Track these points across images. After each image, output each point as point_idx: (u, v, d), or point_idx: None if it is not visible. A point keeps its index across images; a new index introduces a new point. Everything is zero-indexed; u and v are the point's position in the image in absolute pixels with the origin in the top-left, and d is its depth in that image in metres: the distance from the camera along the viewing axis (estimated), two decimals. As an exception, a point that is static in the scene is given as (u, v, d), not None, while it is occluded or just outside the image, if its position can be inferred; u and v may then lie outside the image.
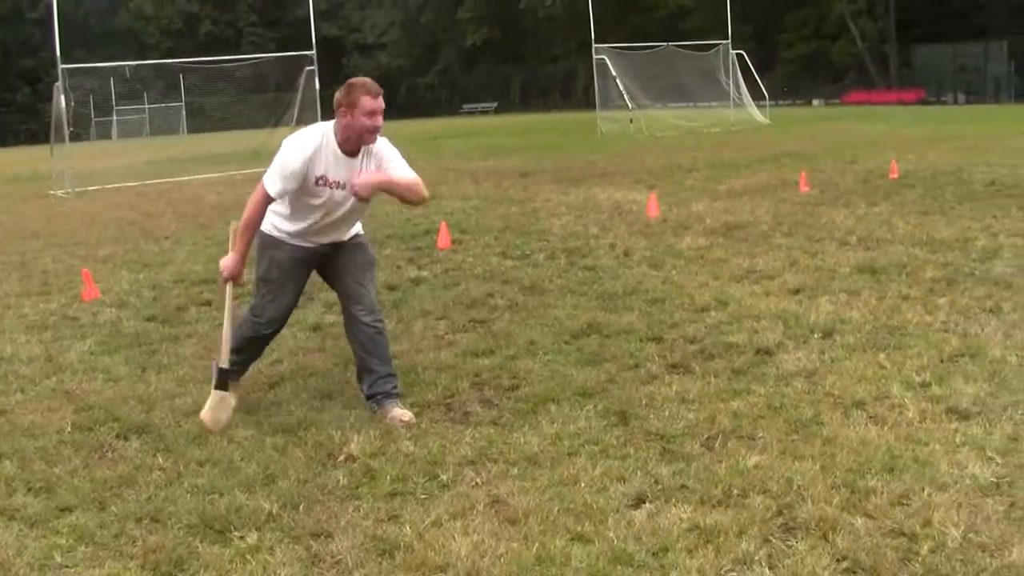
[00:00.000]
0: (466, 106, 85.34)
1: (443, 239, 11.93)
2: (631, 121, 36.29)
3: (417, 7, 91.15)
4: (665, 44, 42.17)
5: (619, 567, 3.95)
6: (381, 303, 8.62)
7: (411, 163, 6.00)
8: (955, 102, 58.11)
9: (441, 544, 4.20)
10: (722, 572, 3.89)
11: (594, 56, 39.08)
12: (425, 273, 10.26)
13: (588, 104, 42.57)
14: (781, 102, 51.33)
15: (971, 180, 15.93)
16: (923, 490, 4.47)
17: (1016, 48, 58.10)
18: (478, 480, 4.88)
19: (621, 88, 38.40)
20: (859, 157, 20.73)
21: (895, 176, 16.65)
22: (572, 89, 78.70)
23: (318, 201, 5.78)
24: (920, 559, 3.89)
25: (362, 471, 5.06)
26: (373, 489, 4.83)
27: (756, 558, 3.96)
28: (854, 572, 3.84)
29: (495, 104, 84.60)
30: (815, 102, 62.64)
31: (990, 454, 4.85)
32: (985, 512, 4.25)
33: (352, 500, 4.74)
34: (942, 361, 6.38)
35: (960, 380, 5.97)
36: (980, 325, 7.21)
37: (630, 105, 38.04)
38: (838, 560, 3.91)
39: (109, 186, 24.51)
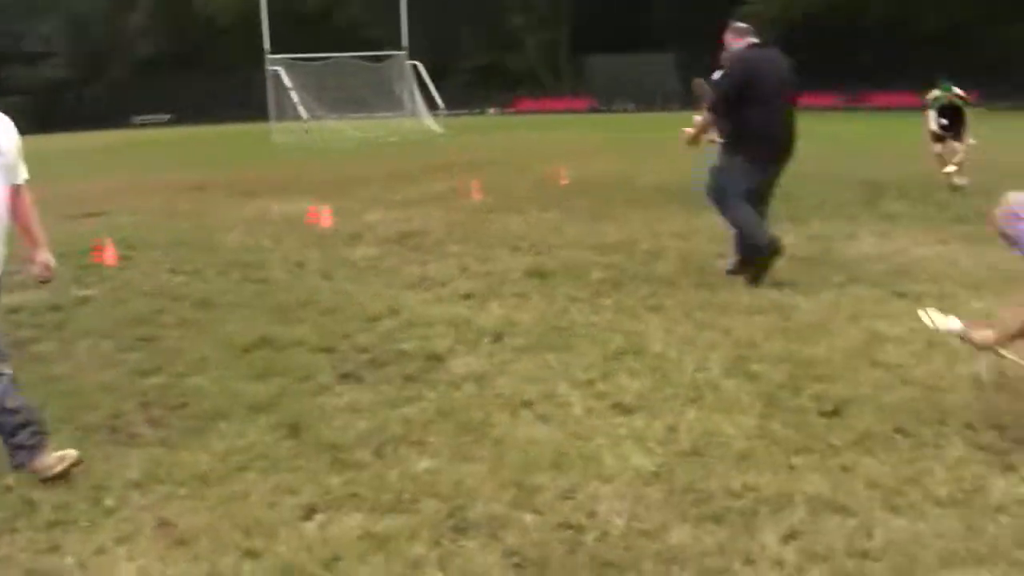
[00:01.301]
0: (138, 118, 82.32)
1: (109, 256, 11.42)
2: (306, 132, 36.03)
3: (84, 16, 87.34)
4: (340, 55, 42.05)
5: (288, 580, 3.89)
6: (42, 324, 8.21)
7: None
8: (625, 111, 60.85)
9: (105, 572, 4.01)
10: (395, 577, 3.88)
11: (267, 67, 38.57)
12: (91, 292, 9.78)
13: (265, 115, 41.97)
14: (457, 112, 52.27)
15: (638, 185, 16.69)
16: (589, 483, 4.61)
17: (683, 60, 61.43)
18: (144, 503, 4.67)
19: (296, 99, 38.10)
20: (532, 165, 21.35)
21: (565, 182, 17.23)
22: (249, 100, 77.36)
23: None
24: (586, 549, 4.01)
25: (20, 502, 4.74)
26: (32, 520, 4.54)
27: (427, 560, 3.97)
28: (523, 567, 3.90)
29: (169, 116, 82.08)
30: (490, 111, 64.12)
31: (651, 445, 5.06)
32: (647, 500, 4.43)
33: (7, 534, 4.44)
34: (607, 359, 6.61)
35: (624, 376, 6.21)
36: (643, 323, 7.53)
37: (305, 116, 37.77)
38: (507, 556, 3.97)
39: None
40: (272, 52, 38.67)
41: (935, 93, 15.94)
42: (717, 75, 9.66)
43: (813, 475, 4.63)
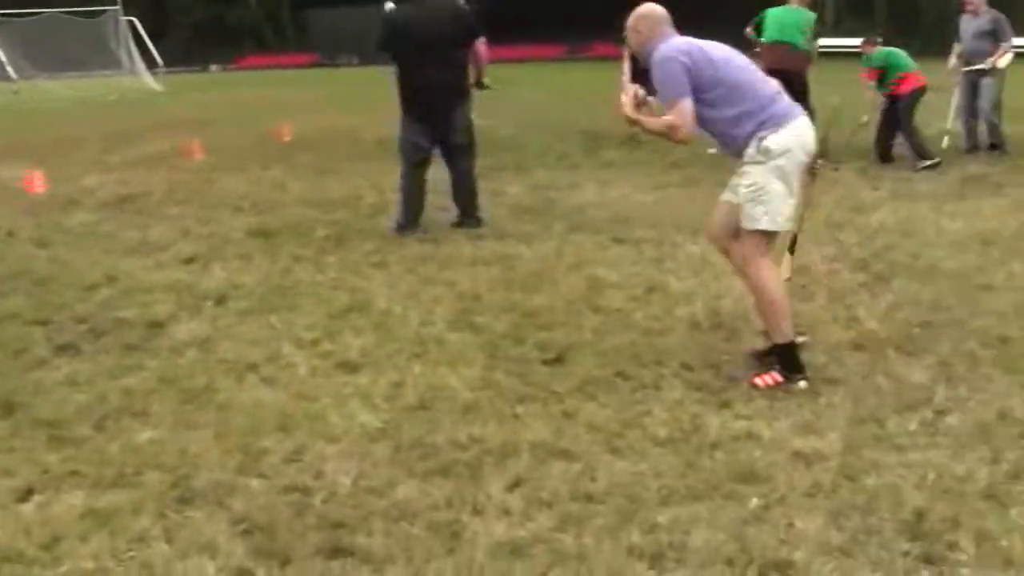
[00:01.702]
0: None
1: None
2: (15, 93, 34.14)
3: None
4: (50, 10, 39.93)
5: (8, 565, 3.67)
6: None
7: None
8: (350, 64, 60.24)
9: None
10: (119, 554, 3.72)
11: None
12: None
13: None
14: (177, 69, 50.53)
15: (362, 140, 16.56)
16: (315, 444, 4.56)
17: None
18: None
19: (2, 58, 36.03)
20: (255, 122, 20.83)
21: (288, 139, 16.93)
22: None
23: None
24: (314, 510, 3.96)
25: None
26: None
27: (152, 534, 3.83)
28: (251, 533, 3.82)
29: None
30: (212, 67, 62.29)
31: (377, 401, 5.05)
32: (374, 457, 4.41)
33: None
34: (332, 317, 6.55)
35: (349, 334, 6.16)
36: (367, 279, 7.49)
37: (13, 76, 35.78)
38: (235, 523, 3.88)
39: None
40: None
41: None
42: None
43: (536, 423, 4.72)
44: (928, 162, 12.19)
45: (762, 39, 13.48)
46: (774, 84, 5.44)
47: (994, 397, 4.95)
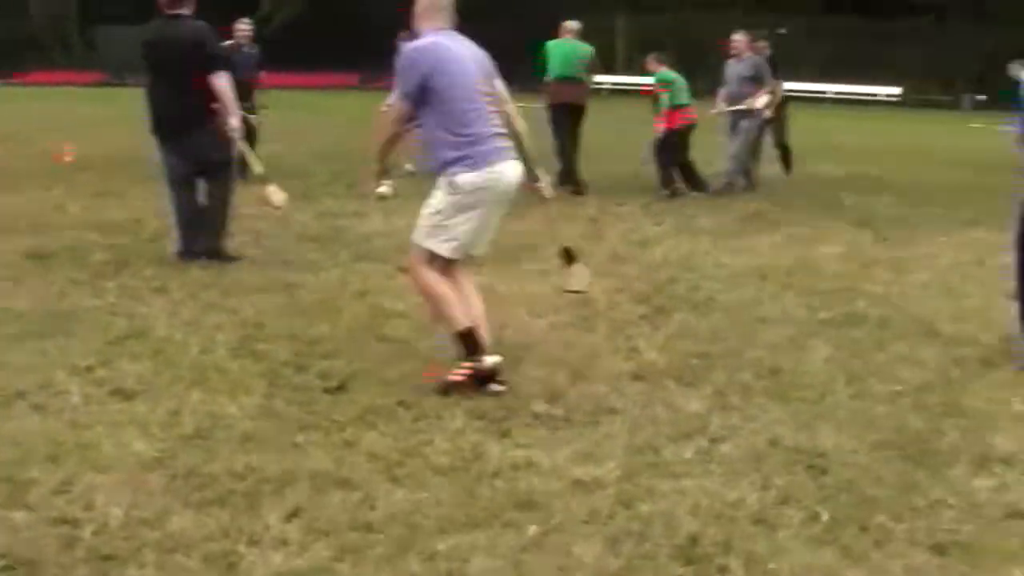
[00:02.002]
0: None
1: None
2: None
3: None
4: None
5: None
6: None
7: None
8: (138, 84, 58.59)
9: None
10: None
11: None
12: None
13: None
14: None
15: (147, 162, 15.96)
16: (86, 474, 4.40)
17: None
18: None
19: None
20: (35, 140, 20.07)
21: (70, 159, 16.34)
22: None
23: None
24: (83, 543, 3.83)
25: None
26: None
27: None
28: (14, 568, 3.67)
29: None
30: (-11, 82, 59.67)
31: (153, 430, 4.92)
32: (148, 487, 4.30)
33: None
34: (109, 344, 6.35)
35: (126, 361, 5.99)
36: (147, 305, 7.30)
37: None
38: (-3, 559, 3.72)
39: None
40: None
41: None
42: None
43: (317, 451, 4.69)
44: (667, 191, 13.15)
45: (548, 75, 13.84)
46: (494, 122, 5.57)
47: (765, 426, 5.18)
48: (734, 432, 5.09)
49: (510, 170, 5.56)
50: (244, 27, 14.91)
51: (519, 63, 15.27)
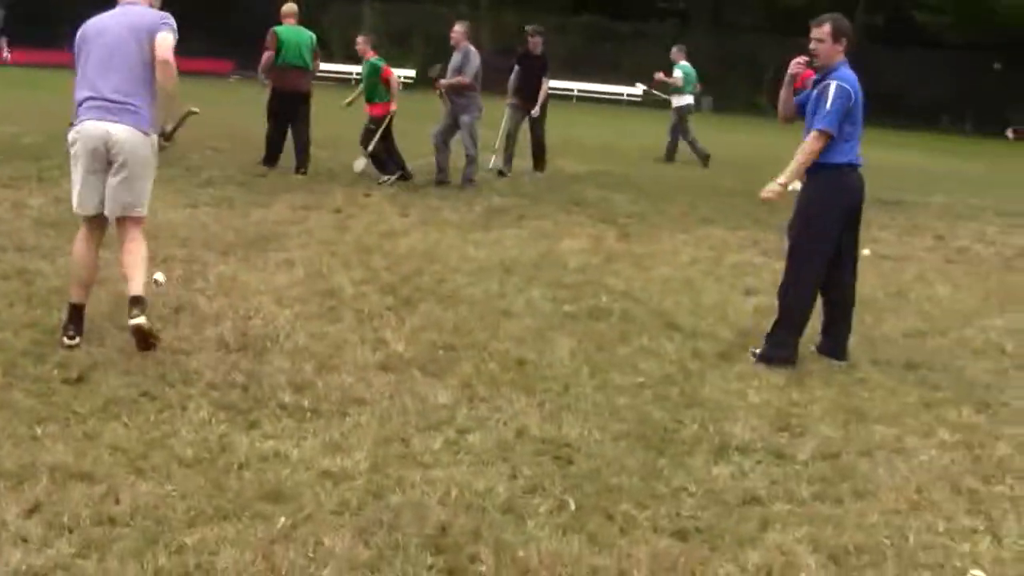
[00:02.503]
0: None
1: None
2: None
3: None
4: None
5: None
6: None
7: None
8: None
9: None
10: None
11: None
12: None
13: None
14: None
15: None
16: None
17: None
18: None
19: None
20: None
21: None
22: None
23: None
24: None
25: None
26: None
27: None
28: None
29: None
30: None
31: None
32: None
33: None
34: None
35: None
36: None
37: None
38: None
39: None
40: None
41: None
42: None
43: (57, 444, 4.54)
44: (388, 177, 13.64)
45: (279, 62, 13.82)
46: (103, 86, 5.95)
47: (513, 416, 5.32)
48: (482, 423, 5.21)
49: (91, 127, 5.90)
50: None
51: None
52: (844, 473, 4.92)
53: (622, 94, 53.67)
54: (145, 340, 5.83)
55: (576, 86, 51.80)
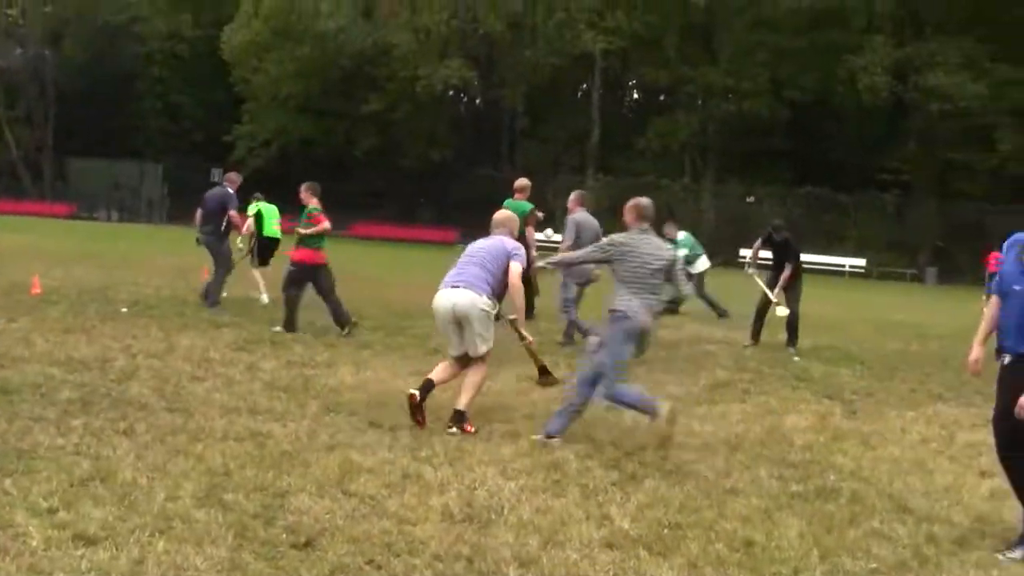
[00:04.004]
0: None
1: None
2: None
3: None
4: None
5: None
6: None
7: None
8: (108, 219, 58.92)
9: None
10: None
11: None
12: None
13: None
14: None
15: (115, 299, 16.08)
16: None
17: (170, 171, 60.98)
18: None
19: None
20: (3, 270, 19.99)
21: (38, 291, 16.26)
22: None
23: None
24: None
25: None
26: None
27: None
28: None
29: None
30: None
31: (115, 578, 4.79)
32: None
33: None
34: (72, 485, 6.21)
35: (89, 504, 5.86)
36: (113, 447, 7.16)
37: None
38: None
39: None
40: None
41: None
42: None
43: (285, 610, 4.56)
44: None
45: None
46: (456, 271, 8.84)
47: (741, 599, 5.10)
48: (709, 605, 5.01)
49: (442, 296, 8.67)
50: None
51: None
52: None
53: (844, 266, 52.92)
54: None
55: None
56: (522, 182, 15.33)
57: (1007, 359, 6.41)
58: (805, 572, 5.64)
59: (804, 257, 16.30)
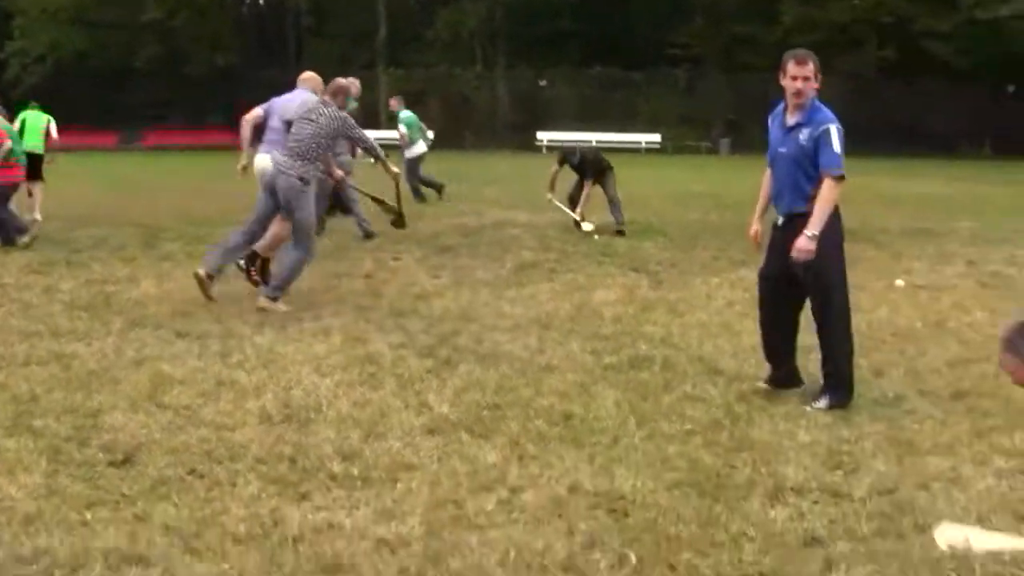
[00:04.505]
0: None
1: None
2: None
3: None
4: None
5: None
6: None
7: None
8: None
9: None
10: None
11: None
12: None
13: None
14: None
15: None
16: None
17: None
18: None
19: None
20: None
21: None
22: None
23: None
24: None
25: None
26: None
27: None
28: None
29: None
30: None
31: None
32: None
33: None
34: None
35: None
36: (-92, 384, 6.86)
37: None
38: None
39: None
40: None
41: None
42: None
43: (108, 529, 4.50)
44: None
45: None
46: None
47: (564, 472, 5.26)
48: (533, 481, 5.15)
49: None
50: None
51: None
52: (903, 508, 4.84)
53: (640, 142, 53.86)
54: None
55: (593, 137, 51.98)
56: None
57: (780, 220, 6.70)
58: (624, 439, 5.81)
59: (600, 136, 16.48)
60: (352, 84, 13.94)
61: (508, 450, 5.60)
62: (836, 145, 6.41)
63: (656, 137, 55.06)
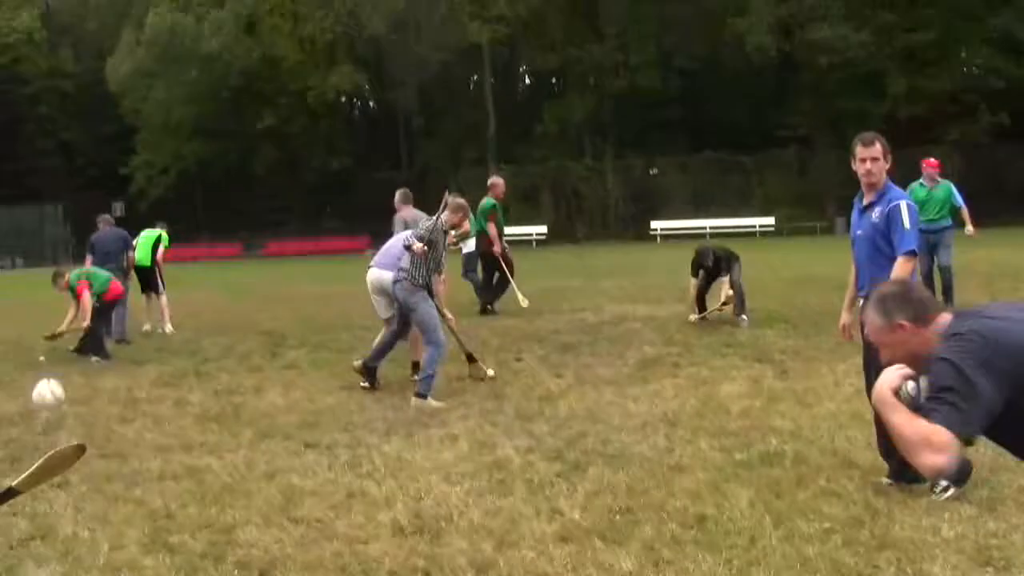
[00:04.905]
0: None
1: None
2: None
3: None
4: None
5: None
6: None
7: None
8: (13, 266, 57.80)
9: None
10: None
11: None
12: None
13: None
14: None
15: (31, 348, 15.73)
16: None
17: (70, 210, 59.98)
18: None
19: None
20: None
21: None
22: None
23: None
24: None
25: None
26: None
27: None
28: None
29: None
30: None
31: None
32: None
33: None
34: (12, 548, 6.07)
35: (32, 565, 5.74)
36: (49, 502, 6.99)
37: None
38: None
39: None
40: None
41: None
42: None
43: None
44: None
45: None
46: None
47: (703, 577, 5.12)
48: (671, 588, 5.02)
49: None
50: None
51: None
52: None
53: (754, 226, 53.53)
54: None
55: (707, 223, 51.81)
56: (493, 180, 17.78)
57: (862, 302, 6.54)
58: (761, 540, 5.65)
59: (714, 222, 16.34)
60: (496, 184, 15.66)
61: (643, 556, 5.48)
62: (907, 222, 6.51)
63: (770, 220, 54.69)
